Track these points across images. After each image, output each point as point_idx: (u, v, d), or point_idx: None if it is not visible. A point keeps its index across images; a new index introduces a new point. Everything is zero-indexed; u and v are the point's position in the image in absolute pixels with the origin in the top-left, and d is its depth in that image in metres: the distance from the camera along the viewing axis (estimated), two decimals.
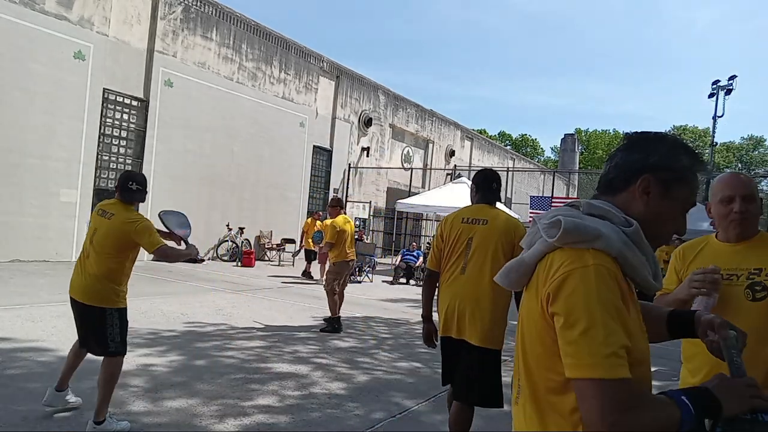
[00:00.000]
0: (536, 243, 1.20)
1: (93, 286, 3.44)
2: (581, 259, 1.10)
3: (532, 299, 1.17)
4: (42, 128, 10.93)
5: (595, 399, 1.01)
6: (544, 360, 1.13)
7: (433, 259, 3.32)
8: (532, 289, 1.18)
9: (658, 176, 1.21)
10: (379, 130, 21.49)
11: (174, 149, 13.58)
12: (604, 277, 1.08)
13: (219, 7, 14.69)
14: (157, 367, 4.76)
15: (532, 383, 1.17)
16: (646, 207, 1.21)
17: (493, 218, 3.19)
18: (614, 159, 1.28)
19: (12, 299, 7.08)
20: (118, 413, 3.66)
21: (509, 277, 1.24)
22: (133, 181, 3.57)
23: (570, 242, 1.13)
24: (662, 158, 1.22)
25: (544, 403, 1.14)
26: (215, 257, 14.78)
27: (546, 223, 1.18)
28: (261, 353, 5.56)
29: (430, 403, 4.49)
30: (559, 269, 1.11)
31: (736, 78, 20.25)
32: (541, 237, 1.18)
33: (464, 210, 3.32)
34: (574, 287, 1.07)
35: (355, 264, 8.01)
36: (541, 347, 1.14)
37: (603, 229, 1.13)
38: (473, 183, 3.41)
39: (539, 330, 1.14)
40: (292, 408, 4.07)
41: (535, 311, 1.15)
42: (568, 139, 43.31)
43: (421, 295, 3.46)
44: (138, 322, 6.41)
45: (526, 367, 1.19)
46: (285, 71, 16.88)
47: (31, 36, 10.66)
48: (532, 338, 1.17)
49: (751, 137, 57.88)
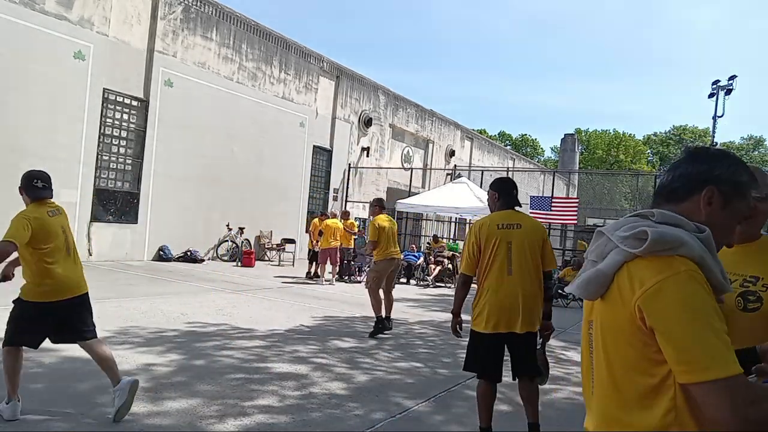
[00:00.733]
0: (611, 253, 1.24)
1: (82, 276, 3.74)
2: (671, 266, 1.14)
3: (615, 308, 1.20)
4: (42, 128, 10.94)
5: (722, 398, 1.05)
6: (635, 364, 1.17)
7: (471, 264, 3.61)
8: (613, 298, 1.21)
9: (721, 188, 1.27)
10: (379, 130, 21.49)
11: (174, 149, 13.58)
12: (698, 281, 1.13)
13: (219, 7, 14.69)
14: (157, 367, 4.76)
15: (619, 389, 1.20)
16: (707, 217, 1.26)
17: (524, 222, 3.64)
18: (678, 169, 1.33)
19: (12, 299, 7.07)
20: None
21: (588, 288, 1.26)
22: (38, 179, 3.81)
23: (656, 251, 1.17)
24: (726, 172, 1.28)
25: (635, 407, 1.18)
26: (215, 257, 14.79)
27: (625, 235, 1.22)
28: (261, 353, 5.56)
29: (430, 403, 4.49)
30: (650, 278, 1.14)
31: (736, 78, 20.26)
32: (616, 248, 1.22)
33: (495, 217, 3.65)
34: (672, 294, 1.12)
35: (400, 262, 7.84)
36: (633, 352, 1.17)
37: (684, 236, 1.18)
38: (493, 191, 3.75)
39: (628, 337, 1.17)
40: (292, 408, 4.07)
41: (620, 319, 1.19)
42: (568, 139, 43.31)
43: (454, 296, 3.79)
44: (138, 322, 6.41)
45: (611, 375, 1.22)
46: (285, 71, 16.88)
47: (31, 36, 10.66)
48: (618, 346, 1.20)
49: (751, 137, 57.90)
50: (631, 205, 33.96)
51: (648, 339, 1.14)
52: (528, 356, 3.59)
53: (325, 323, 7.55)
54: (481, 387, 3.60)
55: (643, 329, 1.14)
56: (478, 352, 3.60)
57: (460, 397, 4.75)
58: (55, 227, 3.67)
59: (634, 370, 1.17)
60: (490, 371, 3.56)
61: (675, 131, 60.49)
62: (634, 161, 56.73)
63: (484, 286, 3.58)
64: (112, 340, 5.47)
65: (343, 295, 10.69)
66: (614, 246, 1.23)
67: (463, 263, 3.67)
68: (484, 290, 3.57)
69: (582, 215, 27.11)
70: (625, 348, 1.18)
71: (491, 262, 3.54)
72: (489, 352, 3.55)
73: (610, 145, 58.67)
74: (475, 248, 3.58)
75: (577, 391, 5.13)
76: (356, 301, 9.92)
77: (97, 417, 3.59)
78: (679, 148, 57.49)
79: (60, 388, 4.04)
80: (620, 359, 1.20)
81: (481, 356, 3.59)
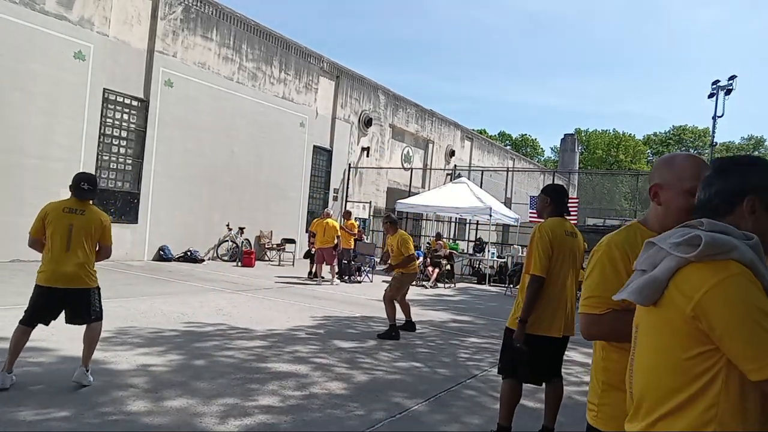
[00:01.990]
0: (664, 260, 1.29)
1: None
2: (726, 269, 1.19)
3: (665, 312, 1.25)
4: (42, 128, 10.94)
5: None
6: (678, 366, 1.22)
7: (546, 266, 3.55)
8: (665, 303, 1.26)
9: (761, 196, 1.30)
10: (379, 130, 21.49)
11: (174, 149, 13.58)
12: (752, 282, 1.18)
13: (219, 8, 14.69)
14: (157, 367, 4.76)
15: (659, 390, 1.26)
16: (753, 225, 1.30)
17: (576, 233, 3.78)
18: (712, 186, 1.35)
19: (13, 299, 7.08)
20: (117, 413, 3.67)
21: (642, 293, 1.30)
22: (84, 181, 4.21)
23: (710, 255, 1.21)
24: (762, 179, 1.31)
25: (674, 408, 1.22)
26: (215, 257, 14.79)
27: (677, 241, 1.26)
28: (261, 353, 5.56)
29: (430, 403, 4.49)
30: (707, 281, 1.19)
31: (736, 78, 20.24)
32: (669, 255, 1.27)
33: (557, 224, 3.67)
34: (734, 295, 1.16)
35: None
36: (678, 354, 1.23)
37: (735, 241, 1.22)
38: (546, 195, 3.81)
39: (681, 340, 1.22)
40: (293, 408, 4.07)
41: (674, 323, 1.23)
42: (568, 139, 43.35)
43: (525, 299, 3.55)
44: (138, 322, 6.41)
45: (652, 377, 1.28)
46: (285, 71, 16.88)
47: (31, 36, 10.66)
48: (660, 349, 1.26)
49: (752, 137, 57.88)
50: (630, 205, 33.93)
51: (696, 342, 1.19)
52: (560, 360, 3.78)
53: (325, 323, 7.55)
54: (514, 387, 3.68)
55: (694, 332, 1.19)
56: (534, 355, 3.60)
57: (460, 396, 4.75)
58: (60, 222, 4.07)
59: (675, 372, 1.22)
60: (545, 373, 3.71)
61: (675, 131, 60.51)
62: (634, 161, 56.74)
63: (549, 290, 3.56)
64: (113, 340, 5.47)
65: (343, 295, 10.69)
66: (666, 254, 1.28)
67: (538, 264, 3.53)
68: (548, 294, 3.56)
69: (582, 215, 27.10)
70: (669, 351, 1.24)
71: (555, 266, 3.58)
72: (536, 356, 3.60)
73: (609, 145, 58.69)
74: (550, 250, 3.55)
75: (576, 390, 5.13)
76: (356, 301, 9.92)
77: (97, 417, 3.59)
78: (679, 148, 57.48)
79: (60, 388, 4.04)
80: (663, 362, 1.25)
81: (529, 360, 3.61)
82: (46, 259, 4.08)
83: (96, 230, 4.17)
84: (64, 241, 4.03)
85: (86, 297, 4.16)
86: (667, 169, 1.73)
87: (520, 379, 3.68)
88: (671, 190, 1.70)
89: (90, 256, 4.16)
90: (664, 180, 1.72)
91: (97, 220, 4.19)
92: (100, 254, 4.27)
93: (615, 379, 1.69)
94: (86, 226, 4.12)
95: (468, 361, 6.09)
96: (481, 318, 9.38)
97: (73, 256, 4.05)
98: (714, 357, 1.18)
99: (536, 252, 3.56)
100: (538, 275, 3.53)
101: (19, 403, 3.67)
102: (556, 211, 3.76)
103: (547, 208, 3.77)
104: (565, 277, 3.61)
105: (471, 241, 20.19)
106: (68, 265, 4.03)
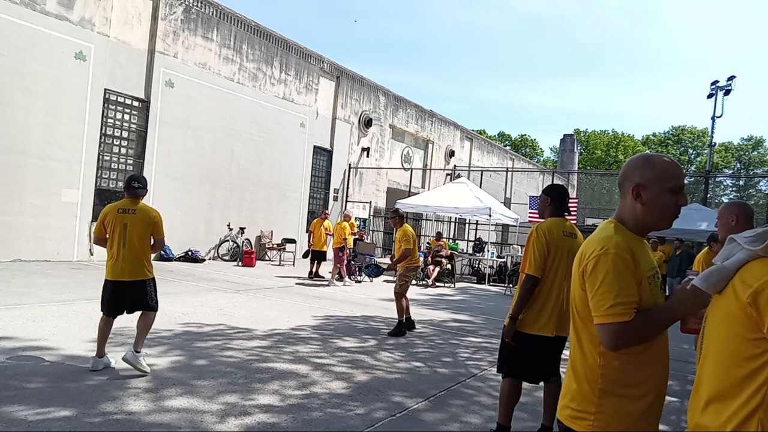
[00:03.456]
0: (737, 254, 1.37)
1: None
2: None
3: (727, 301, 1.34)
4: (43, 128, 10.96)
5: None
6: (734, 354, 1.31)
7: (540, 266, 3.58)
8: (728, 293, 1.35)
9: None
10: (379, 130, 21.51)
11: (175, 149, 13.60)
12: None
13: (219, 8, 14.71)
14: (158, 366, 4.78)
15: (717, 377, 1.34)
16: None
17: (576, 233, 3.77)
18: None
19: (13, 299, 7.10)
20: (118, 412, 3.68)
21: (708, 280, 1.39)
22: (136, 180, 4.70)
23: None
24: None
25: (728, 394, 1.31)
26: (216, 257, 14.81)
27: (750, 236, 1.36)
28: (261, 353, 5.58)
29: (430, 402, 4.51)
30: (766, 273, 1.28)
31: (734, 78, 20.27)
32: (742, 249, 1.36)
33: (555, 224, 3.69)
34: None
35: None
36: (734, 342, 1.31)
37: None
38: (547, 195, 3.82)
39: (733, 328, 1.32)
40: (294, 407, 4.09)
41: (732, 310, 1.32)
42: (567, 139, 43.35)
43: (517, 297, 3.65)
44: None
45: (712, 363, 1.37)
46: (285, 72, 16.90)
47: (31, 36, 10.68)
48: (720, 337, 1.35)
49: (751, 138, 57.88)
50: None
51: (750, 332, 1.27)
52: (559, 359, 3.76)
53: (325, 323, 7.57)
54: (513, 386, 3.68)
55: (749, 321, 1.27)
56: (529, 354, 3.61)
57: (459, 396, 4.77)
58: (117, 223, 4.56)
59: (731, 358, 1.31)
60: (540, 372, 3.69)
61: (674, 131, 60.47)
62: None
63: (543, 289, 3.59)
64: (113, 340, 5.47)
65: (343, 294, 10.71)
66: (741, 248, 1.37)
67: (533, 264, 3.58)
68: (543, 294, 3.59)
69: (581, 215, 27.12)
70: (727, 339, 1.32)
71: (551, 266, 3.59)
72: (530, 354, 3.61)
73: (609, 145, 58.69)
74: (545, 250, 3.58)
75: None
76: (356, 301, 9.94)
77: (98, 416, 3.61)
78: (678, 148, 57.52)
79: (60, 388, 4.05)
80: (723, 349, 1.34)
81: (525, 358, 3.62)
82: (109, 256, 4.59)
83: (148, 226, 4.62)
84: (122, 239, 4.54)
85: (143, 287, 4.61)
86: (649, 169, 1.75)
87: (515, 376, 3.69)
88: (653, 189, 1.74)
89: (145, 250, 4.62)
90: (645, 179, 1.74)
91: (147, 216, 4.63)
92: (155, 247, 4.71)
93: (613, 386, 1.67)
94: (139, 223, 4.58)
95: (468, 361, 6.11)
96: (481, 317, 9.39)
97: (130, 252, 4.55)
98: (765, 344, 1.25)
99: (532, 252, 3.62)
100: (532, 275, 3.59)
101: (20, 403, 3.68)
102: (556, 211, 3.78)
103: (548, 208, 3.80)
104: (561, 277, 3.61)
105: (471, 240, 20.21)
106: (126, 260, 4.54)
